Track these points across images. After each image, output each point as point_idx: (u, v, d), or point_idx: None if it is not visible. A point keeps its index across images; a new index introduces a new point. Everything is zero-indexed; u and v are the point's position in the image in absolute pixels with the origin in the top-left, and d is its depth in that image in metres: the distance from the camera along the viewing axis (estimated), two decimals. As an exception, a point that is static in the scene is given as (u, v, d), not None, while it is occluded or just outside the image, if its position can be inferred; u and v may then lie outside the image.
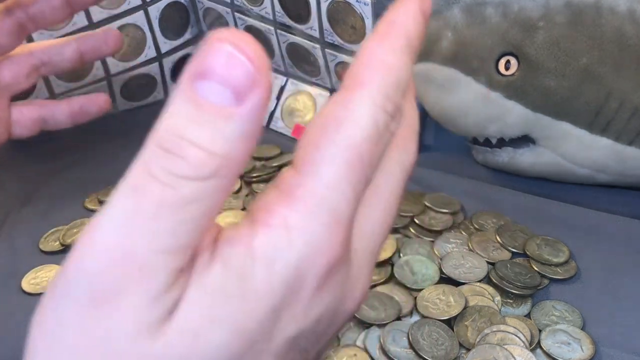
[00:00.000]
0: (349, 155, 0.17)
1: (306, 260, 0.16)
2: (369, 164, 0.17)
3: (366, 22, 0.47)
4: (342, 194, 0.16)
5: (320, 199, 0.16)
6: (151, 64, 0.59)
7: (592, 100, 0.42)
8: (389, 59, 0.17)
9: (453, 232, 0.43)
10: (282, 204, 0.17)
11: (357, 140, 0.17)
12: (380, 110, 0.17)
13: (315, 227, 0.16)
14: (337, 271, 0.17)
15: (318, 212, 0.16)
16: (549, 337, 0.35)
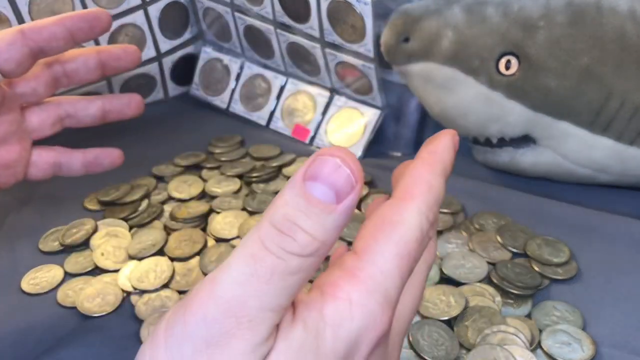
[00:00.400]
0: (400, 251, 0.21)
1: (363, 330, 0.20)
2: (414, 259, 0.21)
3: (366, 21, 0.47)
4: (393, 281, 0.20)
5: (377, 282, 0.20)
6: (151, 63, 0.59)
7: (593, 100, 0.42)
8: (432, 180, 0.22)
9: (453, 232, 0.43)
10: (346, 281, 0.20)
11: (407, 239, 0.21)
12: (425, 219, 0.21)
13: (372, 305, 0.20)
14: (381, 344, 0.20)
15: (375, 293, 0.20)
16: (549, 337, 0.35)
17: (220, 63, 0.61)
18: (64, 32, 0.36)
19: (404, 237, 0.21)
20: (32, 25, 0.35)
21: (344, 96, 0.54)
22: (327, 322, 0.20)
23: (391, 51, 0.44)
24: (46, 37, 0.36)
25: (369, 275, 0.20)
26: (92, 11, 0.39)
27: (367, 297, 0.20)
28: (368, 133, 0.53)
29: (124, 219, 0.46)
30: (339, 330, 0.20)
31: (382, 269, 0.21)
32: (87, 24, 0.38)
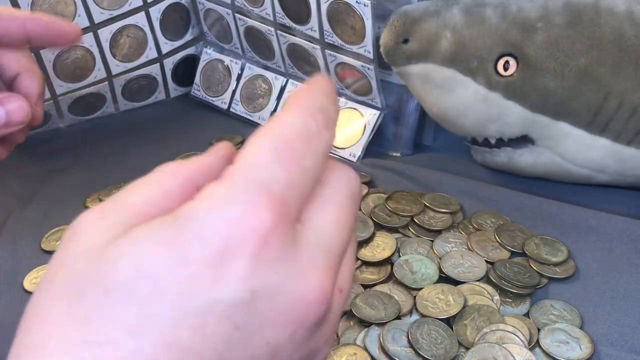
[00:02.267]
0: (278, 142, 0.19)
1: (228, 221, 0.17)
2: (302, 155, 0.19)
3: (366, 22, 0.47)
4: (270, 172, 0.18)
5: (246, 174, 0.18)
6: (152, 64, 0.59)
7: (591, 100, 0.42)
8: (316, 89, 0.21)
9: (452, 232, 0.44)
10: (213, 184, 0.18)
11: (285, 132, 0.19)
12: (310, 117, 0.19)
13: (238, 195, 0.17)
14: (272, 241, 0.17)
15: (243, 184, 0.18)
16: (547, 336, 0.35)
17: (221, 64, 0.61)
18: (20, 32, 0.33)
19: (281, 130, 0.19)
20: None
21: (344, 97, 0.55)
22: (183, 215, 0.17)
23: (390, 52, 0.45)
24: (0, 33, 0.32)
25: (237, 171, 0.18)
26: (60, 24, 0.35)
27: (229, 189, 0.18)
28: (368, 133, 0.53)
29: (126, 218, 0.46)
30: (195, 223, 0.17)
31: (252, 160, 0.18)
32: (49, 36, 0.34)
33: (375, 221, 0.44)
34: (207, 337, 0.17)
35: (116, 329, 0.16)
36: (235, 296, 0.17)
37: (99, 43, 0.55)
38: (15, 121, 0.33)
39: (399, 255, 0.41)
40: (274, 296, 0.17)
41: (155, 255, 0.17)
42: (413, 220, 0.44)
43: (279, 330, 0.18)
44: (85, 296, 0.17)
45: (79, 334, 0.17)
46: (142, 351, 0.16)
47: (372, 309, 0.37)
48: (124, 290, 0.17)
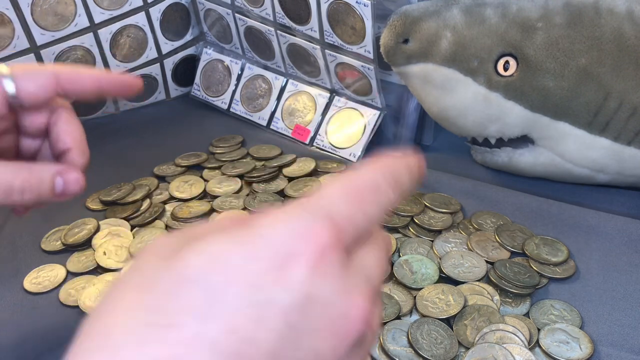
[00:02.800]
0: (348, 186, 0.21)
1: (294, 232, 0.19)
2: (366, 202, 0.21)
3: (366, 23, 0.47)
4: (336, 205, 0.20)
5: (313, 202, 0.20)
6: (152, 64, 0.59)
7: (591, 100, 0.42)
8: (400, 161, 0.23)
9: (452, 232, 0.44)
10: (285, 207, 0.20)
11: (357, 181, 0.21)
12: (382, 177, 0.22)
13: (303, 215, 0.20)
14: (329, 256, 0.19)
15: (310, 208, 0.20)
16: (547, 336, 0.35)
17: (221, 64, 0.61)
18: (96, 89, 0.35)
19: (353, 179, 0.21)
20: (69, 75, 0.34)
21: (344, 97, 0.55)
22: (254, 223, 0.19)
23: (390, 52, 0.45)
24: (77, 90, 0.35)
25: (307, 199, 0.20)
26: (128, 79, 0.37)
27: (298, 209, 0.20)
28: (368, 133, 0.53)
29: (126, 218, 0.46)
30: (266, 230, 0.19)
31: (323, 194, 0.21)
32: (119, 88, 0.37)
33: (375, 221, 0.44)
34: (264, 330, 0.18)
35: (183, 314, 0.18)
36: (293, 297, 0.18)
37: (99, 43, 0.55)
38: (70, 192, 0.35)
39: (399, 255, 0.41)
40: (325, 306, 0.19)
41: (228, 250, 0.19)
42: (413, 220, 0.44)
43: (325, 340, 0.19)
44: (157, 287, 0.18)
45: (145, 318, 0.18)
46: (205, 335, 0.17)
47: (372, 309, 0.37)
48: (195, 281, 0.18)
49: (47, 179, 0.34)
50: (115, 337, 0.18)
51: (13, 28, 0.50)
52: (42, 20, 0.52)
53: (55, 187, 0.35)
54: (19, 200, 0.33)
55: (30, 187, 0.33)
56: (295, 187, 0.48)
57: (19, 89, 0.33)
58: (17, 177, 0.33)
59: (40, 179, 0.34)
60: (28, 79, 0.34)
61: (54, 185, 0.34)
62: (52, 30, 0.52)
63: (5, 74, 0.33)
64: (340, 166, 0.51)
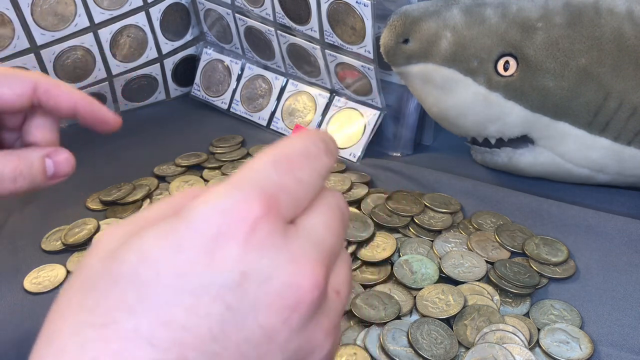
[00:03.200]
0: (277, 154, 0.21)
1: (220, 211, 0.19)
2: (298, 167, 0.21)
3: (366, 23, 0.47)
4: (265, 175, 0.20)
5: (242, 176, 0.20)
6: (152, 64, 0.59)
7: (590, 100, 0.42)
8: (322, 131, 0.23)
9: (452, 232, 0.44)
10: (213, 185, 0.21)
11: (285, 148, 0.21)
12: (311, 142, 0.22)
13: (232, 190, 0.19)
14: (262, 229, 0.19)
15: (237, 183, 0.20)
16: (547, 336, 0.35)
17: (221, 64, 0.61)
18: (70, 110, 0.35)
19: (282, 147, 0.21)
20: (47, 87, 0.34)
21: (344, 97, 0.55)
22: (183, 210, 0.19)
23: (390, 52, 0.45)
24: (51, 105, 0.34)
25: (235, 174, 0.20)
26: (105, 114, 0.37)
27: (226, 186, 0.20)
28: (368, 133, 0.53)
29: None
30: (191, 215, 0.19)
31: (252, 166, 0.20)
32: (93, 119, 0.36)
33: (375, 221, 0.44)
34: (201, 316, 0.18)
35: (117, 311, 0.18)
36: (226, 278, 0.18)
37: (99, 43, 0.55)
38: (62, 173, 0.35)
39: (399, 255, 0.41)
40: (265, 279, 0.19)
41: (156, 244, 0.19)
42: (413, 220, 0.44)
43: (272, 314, 0.19)
44: (95, 288, 0.19)
45: (87, 319, 0.18)
46: (139, 329, 0.18)
47: (372, 309, 0.37)
48: (127, 278, 0.18)
49: (37, 163, 0.33)
50: (60, 341, 0.18)
51: (13, 28, 0.50)
52: (42, 20, 0.52)
53: (47, 170, 0.34)
54: (13, 187, 0.32)
55: (22, 173, 0.33)
56: (295, 187, 0.48)
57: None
58: (7, 165, 0.32)
59: (29, 163, 0.33)
60: (5, 84, 0.33)
61: (44, 168, 0.34)
62: (52, 30, 0.52)
63: None
64: (340, 166, 0.51)
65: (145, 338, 0.18)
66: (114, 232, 0.21)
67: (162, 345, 0.18)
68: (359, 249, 0.41)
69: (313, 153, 0.22)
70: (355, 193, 0.47)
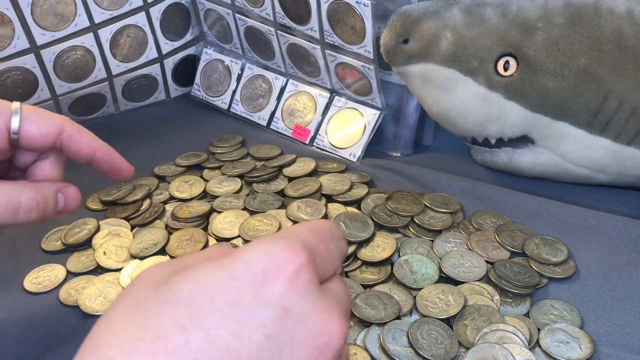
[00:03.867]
0: (312, 225, 0.24)
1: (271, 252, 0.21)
2: (327, 240, 0.24)
3: (366, 23, 0.47)
4: (305, 236, 0.23)
5: (287, 232, 0.23)
6: (152, 64, 0.59)
7: (590, 100, 0.42)
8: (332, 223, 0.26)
9: (452, 232, 0.44)
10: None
11: (318, 223, 0.24)
12: (334, 226, 0.25)
13: (280, 240, 0.22)
14: (304, 274, 0.21)
15: (284, 235, 0.23)
16: (547, 336, 0.35)
17: (221, 64, 0.61)
18: (88, 158, 0.37)
19: (315, 223, 0.25)
20: (71, 134, 0.35)
21: (344, 97, 0.55)
22: (236, 250, 0.22)
23: (390, 52, 0.45)
24: (72, 150, 0.36)
25: (280, 232, 0.23)
26: (122, 164, 0.39)
27: (274, 237, 0.22)
28: (368, 133, 0.53)
29: (126, 218, 0.46)
30: (245, 253, 0.21)
31: (293, 228, 0.24)
32: (108, 168, 0.38)
33: (375, 221, 0.44)
34: (244, 340, 0.20)
35: (168, 327, 0.20)
36: (270, 311, 0.20)
37: (99, 43, 0.55)
38: (70, 208, 0.36)
39: (399, 255, 0.41)
40: (302, 319, 0.21)
41: (212, 274, 0.21)
42: (413, 220, 0.44)
43: (304, 352, 0.21)
44: (148, 308, 0.20)
45: (137, 334, 0.20)
46: (188, 345, 0.19)
47: (372, 309, 0.37)
48: (181, 301, 0.20)
49: (51, 197, 0.35)
50: (108, 352, 0.19)
51: (13, 28, 0.50)
52: (42, 20, 0.52)
53: (58, 204, 0.35)
54: (25, 218, 0.34)
55: (37, 206, 0.34)
56: (295, 187, 0.48)
57: (22, 128, 0.34)
58: (25, 196, 0.34)
59: (45, 196, 0.34)
60: (34, 122, 0.34)
61: (57, 202, 0.35)
62: (52, 30, 0.52)
63: (15, 109, 0.33)
64: (340, 166, 0.51)
65: (192, 353, 0.19)
66: (158, 267, 0.23)
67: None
68: (359, 249, 0.41)
69: (336, 234, 0.25)
70: (355, 193, 0.47)
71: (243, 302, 0.20)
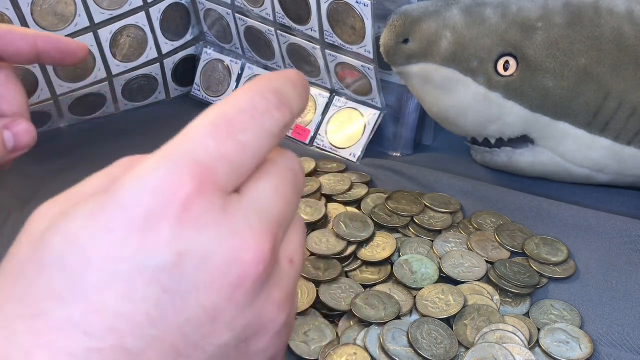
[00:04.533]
0: (215, 117, 0.19)
1: (150, 189, 0.18)
2: (241, 130, 0.19)
3: (366, 23, 0.47)
4: (201, 144, 0.19)
5: (176, 147, 0.19)
6: (152, 64, 0.59)
7: (590, 100, 0.42)
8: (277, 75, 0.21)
9: (452, 232, 0.44)
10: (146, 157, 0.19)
11: (227, 108, 0.19)
12: (259, 96, 0.20)
13: (163, 165, 0.18)
14: (197, 205, 0.18)
15: (170, 155, 0.18)
16: (547, 336, 0.35)
17: (221, 64, 0.61)
18: (31, 51, 0.33)
19: (222, 107, 0.19)
20: (1, 34, 0.32)
21: (344, 97, 0.55)
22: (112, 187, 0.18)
23: (390, 52, 0.45)
24: (11, 52, 0.32)
25: (169, 144, 0.19)
26: (71, 44, 0.34)
27: (158, 159, 0.18)
28: (368, 133, 0.53)
29: (126, 218, 0.46)
30: (120, 193, 0.18)
31: (187, 135, 0.19)
32: (59, 54, 0.34)
33: (375, 221, 0.44)
34: (136, 301, 0.17)
35: (47, 300, 0.17)
36: (160, 259, 0.17)
37: (99, 43, 0.55)
38: (22, 145, 0.33)
39: (399, 255, 0.41)
40: (204, 258, 0.18)
41: (83, 226, 0.18)
42: (413, 220, 0.44)
43: (214, 293, 0.18)
44: (23, 275, 0.18)
45: (15, 310, 0.17)
46: (72, 318, 0.17)
47: (372, 309, 0.37)
48: (55, 264, 0.17)
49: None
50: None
51: (13, 28, 0.50)
52: (42, 20, 0.52)
53: (6, 143, 0.32)
54: None
55: None
56: (295, 187, 0.48)
57: None
58: None
59: None
60: None
61: (3, 140, 0.32)
62: (52, 30, 0.52)
63: None
64: (340, 166, 0.51)
65: (79, 327, 0.17)
66: (47, 210, 0.19)
67: (97, 334, 0.17)
68: (359, 249, 0.41)
69: (260, 109, 0.19)
70: (355, 193, 0.47)
71: (126, 256, 0.17)
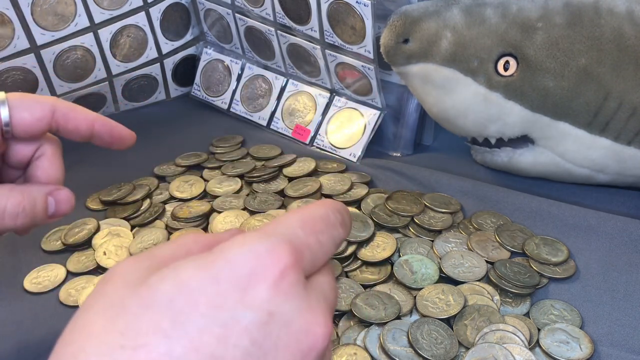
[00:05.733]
0: (304, 216, 0.23)
1: (255, 254, 0.20)
2: (320, 231, 0.23)
3: (366, 23, 0.47)
4: (294, 231, 0.22)
5: (273, 228, 0.22)
6: (152, 64, 0.59)
7: (590, 100, 0.42)
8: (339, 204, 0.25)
9: (452, 232, 0.44)
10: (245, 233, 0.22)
11: (311, 212, 0.23)
12: (331, 211, 0.24)
13: (265, 238, 0.21)
14: (289, 276, 0.21)
15: (270, 233, 0.21)
16: (548, 336, 0.35)
17: (221, 64, 0.61)
18: (87, 132, 0.35)
19: (308, 210, 0.23)
20: (65, 110, 0.34)
21: (344, 97, 0.55)
22: (218, 249, 0.21)
23: (391, 52, 0.45)
24: (70, 129, 0.34)
25: (266, 226, 0.22)
26: (123, 132, 0.37)
27: (259, 234, 0.21)
28: (368, 133, 0.53)
29: (126, 218, 0.46)
30: (228, 253, 0.20)
31: (282, 221, 0.22)
32: (110, 139, 0.36)
33: (375, 221, 0.44)
34: (228, 346, 0.19)
35: (151, 335, 0.19)
36: (255, 315, 0.20)
37: (99, 43, 0.55)
38: (61, 212, 0.35)
39: (399, 255, 0.41)
40: (287, 322, 0.20)
41: (194, 275, 0.20)
42: (413, 220, 0.44)
43: (288, 355, 0.20)
44: (126, 310, 0.19)
45: (116, 341, 0.19)
46: (172, 353, 0.18)
47: (372, 309, 0.37)
48: (162, 304, 0.19)
49: (40, 200, 0.33)
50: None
51: (13, 28, 0.50)
52: (42, 20, 0.52)
53: (48, 208, 0.34)
54: (12, 224, 0.32)
55: (24, 210, 0.33)
56: (295, 187, 0.48)
57: (13, 117, 0.32)
58: (10, 201, 0.32)
59: (33, 200, 0.33)
60: (24, 109, 0.33)
61: (46, 205, 0.34)
62: (52, 30, 0.52)
63: (1, 99, 0.32)
64: (340, 166, 0.51)
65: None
66: (132, 262, 0.22)
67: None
68: (359, 249, 0.41)
69: (332, 221, 0.24)
70: (355, 193, 0.47)
71: (227, 306, 0.19)
